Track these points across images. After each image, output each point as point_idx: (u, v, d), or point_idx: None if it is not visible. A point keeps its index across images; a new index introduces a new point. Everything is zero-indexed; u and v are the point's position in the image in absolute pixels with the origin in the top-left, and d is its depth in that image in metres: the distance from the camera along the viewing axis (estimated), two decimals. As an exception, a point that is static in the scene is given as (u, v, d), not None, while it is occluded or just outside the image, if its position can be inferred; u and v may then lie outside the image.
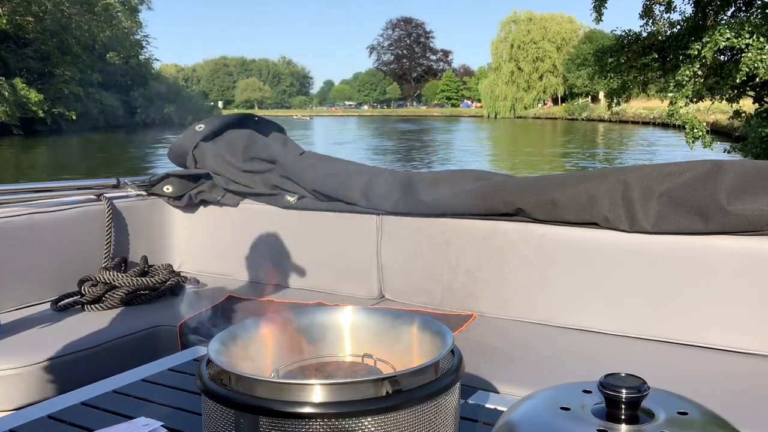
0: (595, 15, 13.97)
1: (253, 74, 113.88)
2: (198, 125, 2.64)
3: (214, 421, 0.74)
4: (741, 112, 14.23)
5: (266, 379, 0.78)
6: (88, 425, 1.05)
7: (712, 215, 1.68)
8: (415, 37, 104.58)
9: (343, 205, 2.28)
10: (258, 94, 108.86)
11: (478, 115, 76.12)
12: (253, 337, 0.89)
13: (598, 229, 1.86)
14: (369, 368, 0.88)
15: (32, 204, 2.24)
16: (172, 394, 1.19)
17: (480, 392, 1.20)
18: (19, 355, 1.74)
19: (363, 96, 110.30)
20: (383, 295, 2.26)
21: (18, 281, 2.15)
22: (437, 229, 2.11)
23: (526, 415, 0.66)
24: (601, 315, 1.86)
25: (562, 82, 67.76)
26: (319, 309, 0.97)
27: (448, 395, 0.76)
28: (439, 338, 0.84)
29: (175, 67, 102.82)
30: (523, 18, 70.66)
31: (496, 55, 71.99)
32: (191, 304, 2.16)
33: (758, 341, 1.65)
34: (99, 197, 2.41)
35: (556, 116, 60.98)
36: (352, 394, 0.70)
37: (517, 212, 1.98)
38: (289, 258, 2.38)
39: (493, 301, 2.01)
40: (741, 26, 11.25)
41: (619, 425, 0.62)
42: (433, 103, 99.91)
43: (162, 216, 2.59)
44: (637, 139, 30.24)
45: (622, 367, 0.85)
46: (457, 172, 2.25)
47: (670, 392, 0.69)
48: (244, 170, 2.47)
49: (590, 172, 1.99)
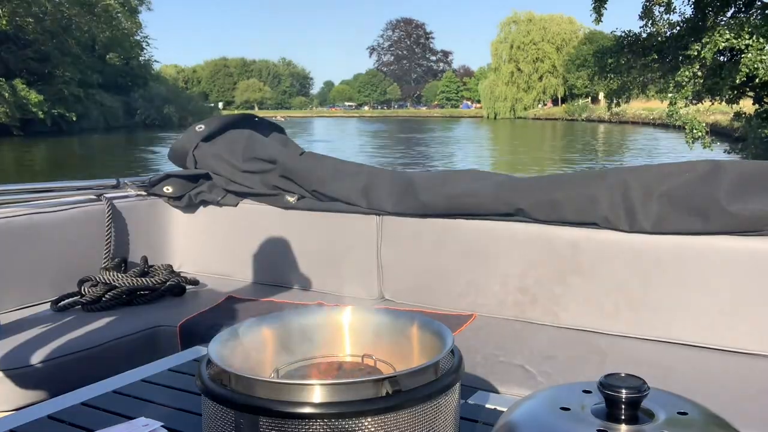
0: (594, 16, 13.99)
1: (254, 75, 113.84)
2: (198, 126, 2.64)
3: (214, 422, 0.74)
4: (742, 113, 14.24)
5: (266, 379, 0.78)
6: (88, 425, 1.05)
7: (712, 215, 1.68)
8: (415, 38, 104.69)
9: (343, 205, 2.28)
10: (258, 94, 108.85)
11: (477, 116, 76.15)
12: (253, 337, 0.89)
13: (598, 229, 1.86)
14: (369, 368, 0.88)
15: (32, 204, 2.24)
16: (172, 394, 1.19)
17: (480, 392, 1.20)
18: (19, 355, 1.74)
19: (363, 97, 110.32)
20: (383, 295, 2.26)
21: (18, 281, 2.15)
22: (437, 229, 2.11)
23: (526, 415, 0.66)
24: (601, 315, 1.86)
25: (561, 83, 67.82)
26: (319, 309, 0.97)
27: (448, 395, 0.76)
28: (439, 338, 0.84)
29: (175, 68, 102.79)
30: (523, 19, 70.72)
31: (495, 55, 72.05)
32: (191, 304, 2.16)
33: (758, 341, 1.65)
34: (99, 197, 2.41)
35: (556, 117, 61.00)
36: (352, 394, 0.70)
37: (517, 212, 1.97)
38: (289, 258, 2.38)
39: (493, 301, 2.01)
40: (741, 27, 11.26)
41: (619, 425, 0.62)
42: (433, 103, 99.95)
43: (162, 216, 2.59)
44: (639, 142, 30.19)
45: (622, 367, 0.85)
46: (457, 172, 2.25)
47: (670, 392, 0.69)
48: (244, 170, 2.47)
49: (590, 172, 1.99)
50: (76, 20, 39.12)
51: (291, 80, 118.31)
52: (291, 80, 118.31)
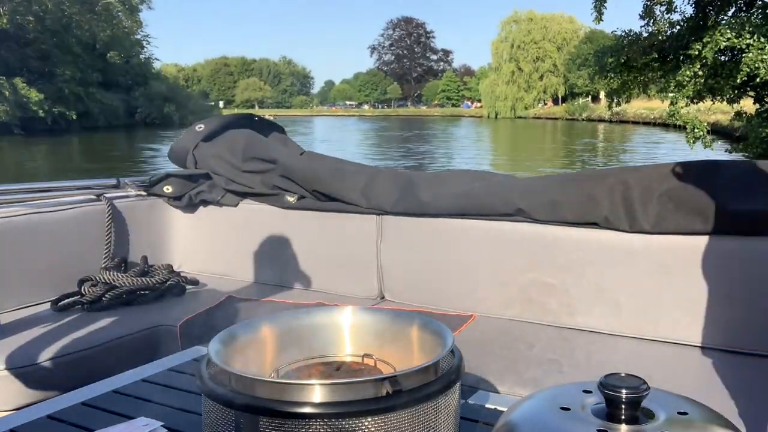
0: (595, 15, 13.96)
1: (254, 74, 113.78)
2: (198, 125, 2.64)
3: (214, 422, 0.74)
4: (742, 113, 14.23)
5: (266, 379, 0.79)
6: (88, 425, 1.05)
7: (712, 215, 1.68)
8: (416, 37, 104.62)
9: (343, 205, 2.28)
10: (258, 93, 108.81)
11: (478, 116, 76.12)
12: (253, 337, 0.89)
13: (598, 229, 1.86)
14: (369, 368, 0.88)
15: (32, 204, 2.24)
16: (172, 394, 1.19)
17: (480, 392, 1.20)
18: (19, 355, 1.74)
19: (364, 96, 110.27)
20: (383, 295, 2.26)
21: (18, 281, 2.15)
22: (437, 229, 2.10)
23: (526, 415, 0.66)
24: (601, 315, 1.86)
25: (562, 82, 67.79)
26: (319, 309, 0.97)
27: (448, 395, 0.76)
28: (439, 338, 0.84)
29: (176, 67, 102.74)
30: (524, 18, 70.69)
31: (496, 55, 72.01)
32: (191, 304, 2.16)
33: (758, 341, 1.65)
34: (99, 197, 2.41)
35: (557, 116, 60.97)
36: (352, 394, 0.70)
37: (517, 212, 1.97)
38: (289, 258, 2.38)
39: (493, 301, 2.01)
40: (741, 26, 11.24)
41: (619, 425, 0.62)
42: (434, 103, 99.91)
43: (162, 216, 2.59)
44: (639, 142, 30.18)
45: (622, 367, 0.85)
46: (457, 172, 2.25)
47: (670, 392, 0.69)
48: (244, 170, 2.47)
49: (590, 172, 1.99)
50: (77, 19, 39.10)
51: (291, 79, 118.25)
52: (291, 79, 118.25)
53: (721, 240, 1.69)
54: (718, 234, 1.69)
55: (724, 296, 1.68)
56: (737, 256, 1.67)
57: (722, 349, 1.70)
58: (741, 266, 1.66)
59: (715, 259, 1.69)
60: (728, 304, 1.68)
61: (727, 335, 1.69)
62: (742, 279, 1.66)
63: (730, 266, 1.68)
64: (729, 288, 1.68)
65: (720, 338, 1.70)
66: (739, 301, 1.67)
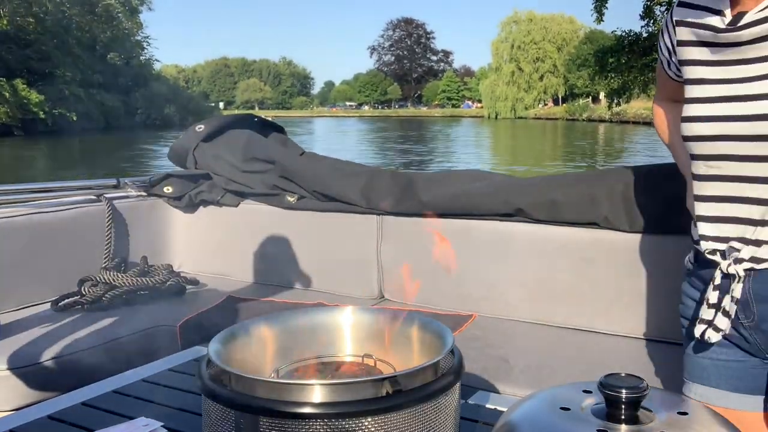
0: (595, 15, 13.98)
1: (254, 75, 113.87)
2: (198, 126, 2.65)
3: (214, 422, 0.73)
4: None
5: (266, 379, 0.78)
6: (88, 425, 1.05)
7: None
8: (416, 37, 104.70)
9: (343, 205, 2.28)
10: (259, 94, 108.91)
11: (478, 116, 76.20)
12: (253, 337, 0.88)
13: (598, 229, 1.86)
14: (369, 368, 0.87)
15: (32, 204, 2.24)
16: (172, 394, 1.19)
17: (480, 392, 1.20)
18: (19, 355, 1.74)
19: (364, 96, 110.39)
20: (383, 295, 2.26)
21: (18, 281, 2.15)
22: (437, 229, 2.10)
23: (526, 415, 0.66)
24: (601, 315, 1.86)
25: (562, 83, 67.86)
26: (319, 309, 0.97)
27: (448, 395, 0.76)
28: (439, 338, 0.84)
29: (176, 68, 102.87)
30: (524, 18, 70.79)
31: (496, 55, 72.10)
32: (191, 304, 2.16)
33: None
34: (99, 197, 2.41)
35: (557, 117, 61.01)
36: (352, 394, 0.70)
37: (517, 212, 1.97)
38: (288, 258, 2.38)
39: (493, 301, 2.01)
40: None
41: (619, 425, 0.62)
42: (434, 103, 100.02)
43: (162, 216, 2.59)
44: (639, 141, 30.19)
45: (622, 367, 0.85)
46: (457, 173, 2.25)
47: (670, 392, 0.69)
48: (244, 170, 2.47)
49: (590, 172, 1.99)
50: (77, 20, 39.15)
51: (292, 80, 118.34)
52: (292, 80, 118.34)
53: None
54: None
55: None
56: None
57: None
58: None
59: None
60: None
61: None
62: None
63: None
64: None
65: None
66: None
